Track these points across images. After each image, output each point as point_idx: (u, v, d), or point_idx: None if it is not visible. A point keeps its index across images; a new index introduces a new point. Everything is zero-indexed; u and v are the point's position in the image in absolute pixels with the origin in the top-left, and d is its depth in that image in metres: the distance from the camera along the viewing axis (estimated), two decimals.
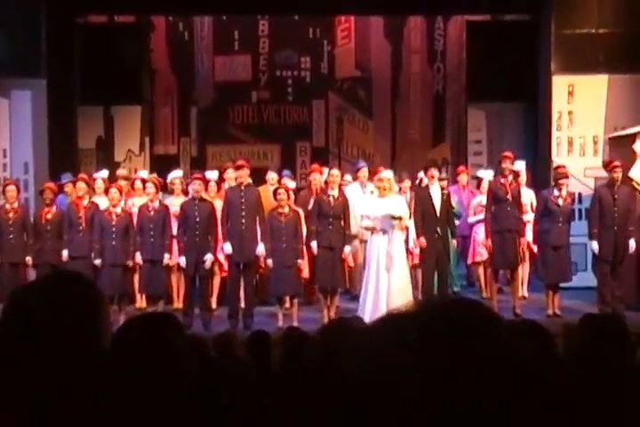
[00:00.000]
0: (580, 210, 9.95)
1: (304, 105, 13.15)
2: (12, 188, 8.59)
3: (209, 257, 8.02)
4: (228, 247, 8.08)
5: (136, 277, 8.43)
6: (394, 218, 7.89)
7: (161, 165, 11.39)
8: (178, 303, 8.65)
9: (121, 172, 9.94)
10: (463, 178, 10.02)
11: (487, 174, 9.27)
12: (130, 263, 8.13)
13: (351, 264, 8.73)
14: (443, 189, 8.47)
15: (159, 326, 2.73)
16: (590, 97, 10.34)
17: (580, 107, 10.39)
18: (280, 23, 12.92)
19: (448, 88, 13.09)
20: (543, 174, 10.28)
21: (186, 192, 8.90)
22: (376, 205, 8.07)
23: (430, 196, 8.35)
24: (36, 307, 1.58)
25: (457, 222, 8.89)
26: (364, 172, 9.53)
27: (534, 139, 11.33)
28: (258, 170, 10.17)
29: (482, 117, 11.99)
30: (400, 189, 8.98)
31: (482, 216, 8.81)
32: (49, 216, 8.36)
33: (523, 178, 8.98)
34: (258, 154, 12.98)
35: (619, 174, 8.36)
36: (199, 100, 13.11)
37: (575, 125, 10.43)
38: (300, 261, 8.14)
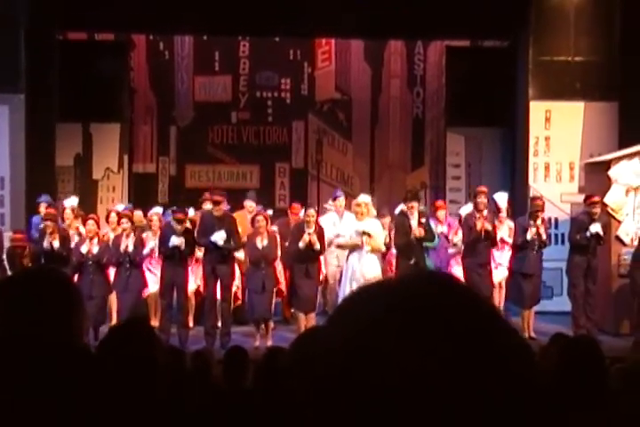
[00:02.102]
0: (556, 235, 10.04)
1: (284, 126, 13.18)
2: None
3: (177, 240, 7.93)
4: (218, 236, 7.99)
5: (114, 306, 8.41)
6: (363, 233, 7.93)
7: (139, 184, 11.33)
8: (155, 321, 8.57)
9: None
10: (441, 214, 9.86)
11: (468, 209, 9.25)
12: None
13: (331, 281, 8.75)
14: (421, 217, 8.45)
15: (141, 331, 2.69)
16: (567, 123, 10.49)
17: (557, 133, 10.54)
18: (261, 45, 12.99)
19: (427, 112, 13.20)
20: (520, 200, 10.37)
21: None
22: (350, 225, 8.14)
23: (409, 223, 8.38)
24: (10, 302, 1.58)
25: (428, 254, 8.87)
26: (341, 201, 9.55)
27: (512, 163, 11.46)
28: (236, 191, 10.17)
29: (461, 142, 12.11)
30: (378, 213, 9.00)
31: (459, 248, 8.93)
32: (23, 256, 8.18)
33: (503, 213, 9.00)
34: (237, 174, 12.96)
35: (598, 210, 8.45)
36: (179, 120, 13.09)
37: (552, 151, 10.57)
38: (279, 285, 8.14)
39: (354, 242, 8.04)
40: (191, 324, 8.51)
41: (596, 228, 8.31)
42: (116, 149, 12.02)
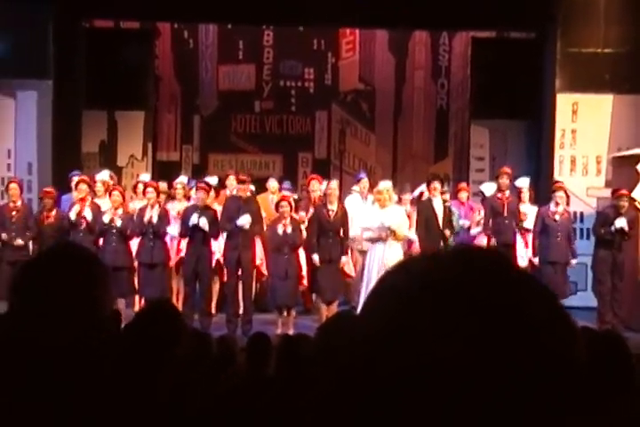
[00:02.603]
0: (581, 229, 9.95)
1: (307, 116, 13.16)
2: (14, 186, 8.62)
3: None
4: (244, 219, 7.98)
5: (134, 281, 8.41)
6: (389, 229, 7.93)
7: (163, 172, 11.38)
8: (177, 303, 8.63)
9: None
10: (463, 195, 9.98)
11: (490, 188, 9.27)
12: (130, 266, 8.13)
13: (352, 274, 8.72)
14: (445, 201, 8.48)
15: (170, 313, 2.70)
16: (594, 116, 10.38)
17: (584, 125, 10.42)
18: (285, 34, 12.96)
19: (452, 104, 13.12)
20: (545, 192, 10.29)
21: (188, 197, 8.90)
22: (374, 216, 8.10)
23: (433, 209, 8.37)
24: (39, 281, 1.58)
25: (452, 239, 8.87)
26: (365, 183, 9.56)
27: (537, 157, 11.36)
28: (259, 180, 10.18)
29: (485, 134, 12.02)
30: (400, 199, 8.98)
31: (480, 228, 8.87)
32: (50, 220, 8.34)
33: (525, 195, 9.00)
34: (259, 164, 12.96)
35: (625, 203, 8.36)
36: (202, 108, 13.11)
37: (578, 144, 10.46)
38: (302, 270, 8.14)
39: (379, 235, 8.02)
40: (213, 310, 8.54)
41: (621, 222, 8.23)
42: (140, 137, 12.07)
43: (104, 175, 9.13)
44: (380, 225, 7.99)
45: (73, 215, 8.21)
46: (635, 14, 10.47)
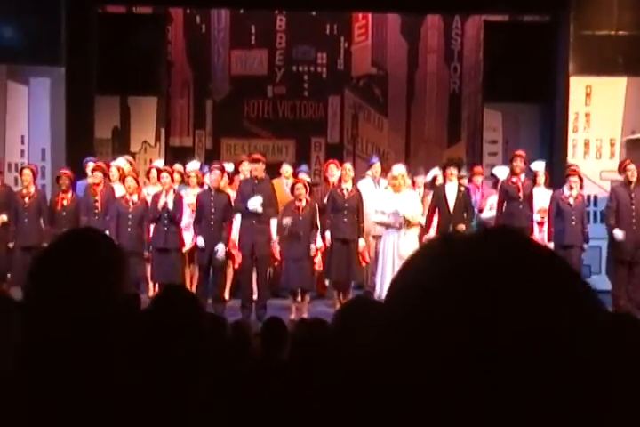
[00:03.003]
0: (595, 213, 9.92)
1: (320, 101, 13.13)
2: (27, 172, 8.66)
3: (221, 247, 8.05)
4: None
5: (148, 267, 8.46)
6: (403, 218, 7.93)
7: (176, 157, 11.41)
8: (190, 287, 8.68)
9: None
10: (478, 179, 9.98)
11: (502, 171, 9.25)
12: (146, 253, 8.17)
13: (367, 259, 8.73)
14: (461, 186, 8.46)
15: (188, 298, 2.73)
16: (608, 99, 10.31)
17: (598, 109, 10.36)
18: (297, 19, 12.91)
19: (464, 88, 13.06)
20: (559, 176, 10.26)
21: (201, 184, 8.92)
22: (389, 201, 8.10)
23: (445, 194, 8.36)
24: (56, 266, 1.61)
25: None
26: (377, 167, 9.56)
27: (550, 140, 11.31)
28: (272, 165, 10.19)
29: (498, 118, 11.97)
30: (413, 182, 8.97)
31: (494, 213, 8.84)
32: (65, 202, 8.40)
33: (541, 178, 8.97)
34: (272, 149, 12.97)
35: (633, 172, 8.38)
36: (215, 93, 13.11)
37: (592, 127, 10.41)
38: (312, 246, 8.11)
39: (393, 222, 8.01)
40: (227, 296, 8.59)
41: (618, 235, 8.29)
42: (153, 123, 12.09)
43: (120, 161, 9.17)
44: (394, 211, 7.99)
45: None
46: None
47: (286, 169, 9.55)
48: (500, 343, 0.66)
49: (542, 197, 8.83)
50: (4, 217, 8.46)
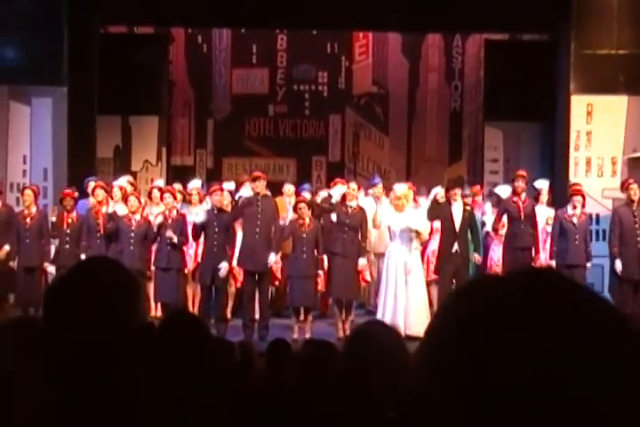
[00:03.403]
0: (597, 231, 9.90)
1: (321, 120, 13.18)
2: (28, 192, 8.66)
3: (224, 265, 8.03)
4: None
5: (150, 286, 8.42)
6: (412, 231, 7.93)
7: (177, 176, 11.42)
8: (192, 307, 8.65)
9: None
10: (479, 198, 10.02)
11: (504, 190, 9.25)
12: (148, 273, 8.16)
13: (367, 278, 8.70)
14: (466, 205, 8.45)
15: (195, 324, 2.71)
16: (609, 117, 10.34)
17: (599, 127, 10.39)
18: (298, 38, 12.99)
19: (465, 106, 13.11)
20: (560, 195, 10.26)
21: (202, 202, 8.93)
22: (397, 221, 8.10)
23: (451, 212, 8.35)
24: (72, 296, 1.61)
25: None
26: (380, 188, 9.59)
27: (551, 159, 11.32)
28: (273, 183, 10.20)
29: (499, 136, 11.99)
30: (415, 201, 8.97)
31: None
32: (70, 221, 8.41)
33: (544, 197, 8.98)
34: (273, 167, 12.99)
35: (635, 191, 8.40)
36: (216, 113, 13.16)
37: (594, 146, 10.42)
38: (320, 272, 8.15)
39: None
40: (229, 315, 8.56)
41: (618, 265, 8.33)
42: (154, 142, 12.11)
43: (122, 181, 9.18)
44: (402, 228, 8.00)
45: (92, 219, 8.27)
46: None
47: (288, 188, 9.58)
48: (543, 384, 0.66)
49: (543, 215, 8.84)
50: (7, 247, 8.45)
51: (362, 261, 8.26)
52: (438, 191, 8.99)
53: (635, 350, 0.70)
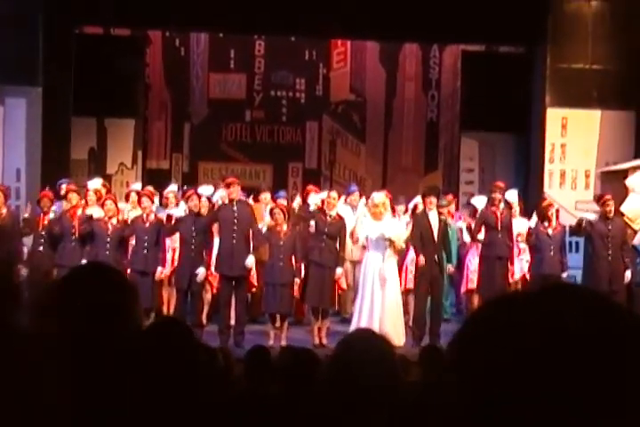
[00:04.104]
0: (570, 243, 10.02)
1: (298, 126, 13.17)
2: None
3: (201, 271, 7.97)
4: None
5: None
6: (386, 240, 7.95)
7: (152, 180, 11.32)
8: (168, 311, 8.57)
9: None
10: (452, 207, 10.11)
11: (480, 201, 9.33)
12: None
13: (343, 286, 8.70)
14: (441, 214, 8.51)
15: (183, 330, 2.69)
16: (583, 131, 10.49)
17: (573, 140, 10.53)
18: (276, 44, 12.98)
19: (442, 116, 13.20)
20: (534, 206, 10.36)
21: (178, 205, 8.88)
22: (373, 229, 8.10)
23: (429, 222, 8.39)
24: (70, 297, 1.59)
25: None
26: (356, 195, 9.61)
27: (526, 170, 11.45)
28: (249, 189, 10.16)
29: (475, 146, 12.10)
30: (393, 210, 8.99)
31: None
32: (45, 223, 8.30)
33: (515, 208, 9.07)
34: (250, 173, 12.95)
35: (611, 208, 8.54)
36: (193, 116, 13.09)
37: (568, 158, 10.56)
38: (296, 279, 8.12)
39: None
40: (204, 321, 8.50)
41: (589, 215, 8.45)
42: (130, 145, 12.01)
43: (96, 184, 9.07)
44: (378, 236, 8.01)
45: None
46: (621, 32, 10.61)
47: (265, 196, 9.54)
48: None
49: (518, 225, 8.93)
50: None
51: (339, 271, 8.28)
52: (419, 201, 9.03)
53: None
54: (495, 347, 0.72)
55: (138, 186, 9.65)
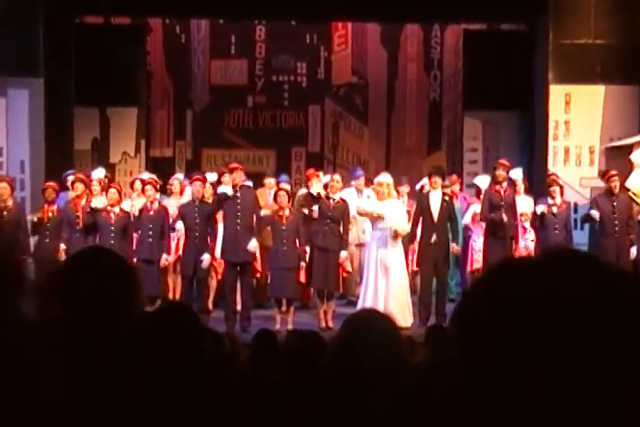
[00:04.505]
0: (575, 220, 9.98)
1: (300, 110, 13.14)
2: (3, 185, 8.52)
3: (206, 257, 8.01)
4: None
5: None
6: (395, 231, 7.95)
7: (156, 168, 11.34)
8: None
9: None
10: (456, 188, 10.08)
11: (483, 180, 9.30)
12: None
13: (349, 269, 8.72)
14: (445, 195, 8.48)
15: (188, 315, 2.70)
16: (587, 107, 10.40)
17: (577, 116, 10.45)
18: (277, 28, 12.93)
19: (444, 96, 13.13)
20: (539, 183, 10.32)
21: (182, 193, 8.90)
22: (373, 204, 8.13)
23: (429, 202, 8.38)
24: (76, 278, 1.60)
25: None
26: (362, 180, 9.63)
27: (530, 148, 11.39)
28: (253, 174, 10.17)
29: (478, 126, 12.04)
30: (397, 192, 8.99)
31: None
32: (50, 215, 8.33)
33: (520, 186, 9.03)
34: (253, 159, 12.95)
35: (616, 183, 8.50)
36: (195, 104, 13.08)
37: (572, 135, 10.49)
38: (302, 263, 8.14)
39: (374, 213, 8.01)
40: (210, 307, 8.54)
41: (594, 214, 8.40)
42: (132, 134, 12.02)
43: (100, 173, 9.09)
44: (383, 226, 8.02)
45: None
46: (624, 6, 10.49)
47: (269, 181, 9.56)
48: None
49: (523, 203, 8.89)
50: None
51: (343, 254, 8.29)
52: (425, 183, 9.01)
53: None
54: (496, 317, 0.69)
55: (145, 176, 9.65)
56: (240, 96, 13.05)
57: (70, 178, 8.89)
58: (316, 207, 8.35)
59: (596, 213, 8.43)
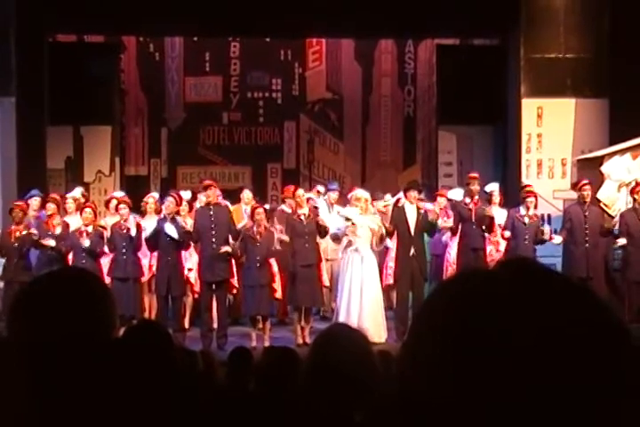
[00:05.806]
0: (555, 230, 10.05)
1: (275, 127, 13.17)
2: None
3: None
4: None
5: None
6: (347, 219, 7.99)
7: (131, 186, 11.29)
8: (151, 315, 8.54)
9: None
10: (441, 200, 10.01)
11: (457, 194, 9.37)
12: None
13: (326, 284, 8.71)
14: (419, 208, 8.51)
15: (160, 333, 2.67)
16: (558, 120, 10.53)
17: (549, 129, 10.57)
18: (251, 45, 12.98)
19: (419, 111, 13.22)
20: (513, 196, 10.39)
21: (159, 212, 8.84)
22: (360, 221, 8.15)
23: (405, 215, 8.41)
24: (43, 299, 1.57)
25: (429, 239, 8.95)
26: (335, 193, 9.65)
27: (504, 161, 11.48)
28: (229, 191, 10.15)
29: (452, 140, 12.13)
30: (372, 205, 9.01)
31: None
32: (17, 234, 8.22)
33: (496, 198, 9.10)
34: (229, 175, 12.93)
35: (588, 192, 8.61)
36: (170, 121, 13.06)
37: (544, 148, 10.60)
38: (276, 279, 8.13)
39: (351, 220, 8.05)
40: (187, 325, 8.49)
41: (622, 241, 8.45)
42: (107, 152, 11.97)
43: (76, 193, 9.02)
44: (364, 230, 8.04)
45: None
46: (592, 21, 10.66)
47: (247, 195, 9.47)
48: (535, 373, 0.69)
49: (498, 216, 8.95)
50: None
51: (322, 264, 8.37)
52: (400, 197, 9.04)
53: (616, 338, 0.73)
54: (445, 314, 0.72)
55: (119, 194, 9.58)
56: (215, 113, 13.05)
57: (34, 199, 8.74)
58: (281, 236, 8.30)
59: (623, 241, 8.45)
